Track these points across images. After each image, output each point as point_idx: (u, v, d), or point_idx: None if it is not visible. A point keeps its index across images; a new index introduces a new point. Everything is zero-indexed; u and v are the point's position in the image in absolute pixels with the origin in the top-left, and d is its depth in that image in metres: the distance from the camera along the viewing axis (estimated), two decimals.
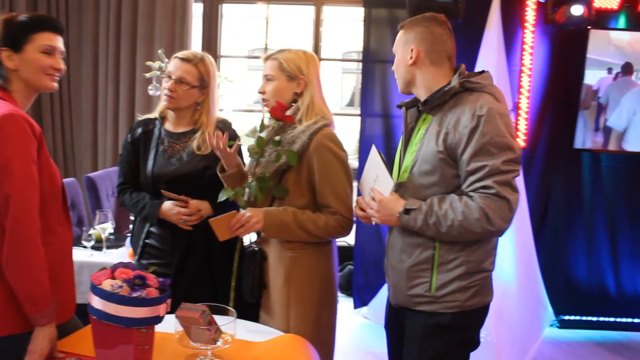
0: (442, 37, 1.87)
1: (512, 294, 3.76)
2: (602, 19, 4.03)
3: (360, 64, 4.37)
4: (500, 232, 1.74)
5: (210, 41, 4.73)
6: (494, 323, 3.48)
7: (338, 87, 13.99)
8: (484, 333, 3.46)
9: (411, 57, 1.87)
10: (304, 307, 2.10)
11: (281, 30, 10.64)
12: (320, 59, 4.75)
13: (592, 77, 4.02)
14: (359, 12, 4.25)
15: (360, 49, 4.32)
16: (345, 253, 4.60)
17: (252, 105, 10.27)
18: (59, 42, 1.74)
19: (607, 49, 3.99)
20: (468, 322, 1.84)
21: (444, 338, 1.83)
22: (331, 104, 2.26)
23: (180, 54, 2.33)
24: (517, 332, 3.75)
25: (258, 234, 2.15)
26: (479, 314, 1.87)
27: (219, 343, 1.63)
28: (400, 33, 1.93)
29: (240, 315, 1.83)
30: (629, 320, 4.37)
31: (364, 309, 4.34)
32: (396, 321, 2.01)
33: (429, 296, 1.82)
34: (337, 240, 2.30)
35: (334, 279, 2.20)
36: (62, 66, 1.74)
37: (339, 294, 2.49)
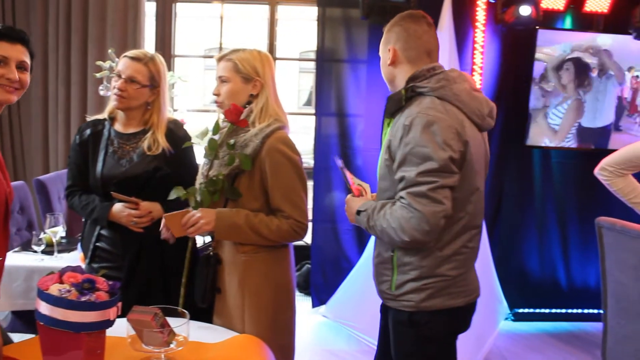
0: (417, 33, 1.87)
1: None
2: (549, 19, 4.14)
3: (314, 62, 4.39)
4: (420, 243, 1.74)
5: (164, 41, 4.67)
6: None
7: (295, 86, 13.99)
8: None
9: (389, 57, 1.89)
10: (259, 311, 2.08)
11: (236, 29, 10.57)
12: (276, 59, 4.76)
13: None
14: (314, 11, 4.26)
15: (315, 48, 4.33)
16: (303, 252, 4.60)
17: (208, 105, 10.16)
18: (16, 51, 1.66)
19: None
20: (429, 321, 1.85)
21: (408, 334, 1.87)
22: (288, 104, 2.30)
23: (130, 53, 2.29)
24: (473, 326, 3.80)
25: (213, 236, 2.13)
26: (445, 314, 1.86)
27: (172, 345, 1.61)
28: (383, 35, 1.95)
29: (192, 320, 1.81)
30: (580, 311, 4.51)
31: (322, 308, 4.35)
32: (384, 310, 2.06)
33: (390, 294, 1.87)
34: None
35: (291, 283, 2.18)
36: (16, 76, 1.66)
37: (297, 293, 2.51)
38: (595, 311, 4.46)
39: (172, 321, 1.65)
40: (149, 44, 4.63)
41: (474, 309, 1.99)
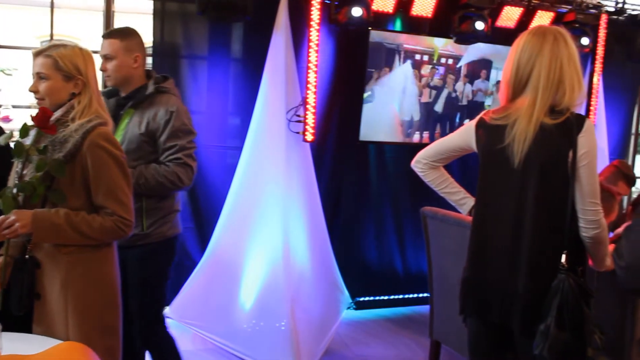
0: None
1: (307, 281, 3.93)
2: (380, 21, 4.35)
3: (151, 58, 4.24)
4: (187, 187, 2.63)
5: None
6: (291, 311, 3.62)
7: None
8: (283, 322, 3.61)
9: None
10: (84, 313, 2.00)
11: (70, 20, 9.99)
12: None
13: None
14: (150, 5, 4.11)
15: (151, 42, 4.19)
16: None
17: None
18: None
19: None
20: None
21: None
22: None
23: None
24: (315, 317, 3.92)
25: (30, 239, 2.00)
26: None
27: None
28: None
29: (8, 331, 1.70)
30: (415, 295, 4.80)
31: (166, 309, 4.24)
32: None
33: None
34: None
35: (116, 282, 2.13)
36: None
37: None
38: (428, 295, 4.77)
39: None
40: None
41: None
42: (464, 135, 2.17)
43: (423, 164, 2.31)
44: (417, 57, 4.43)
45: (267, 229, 3.78)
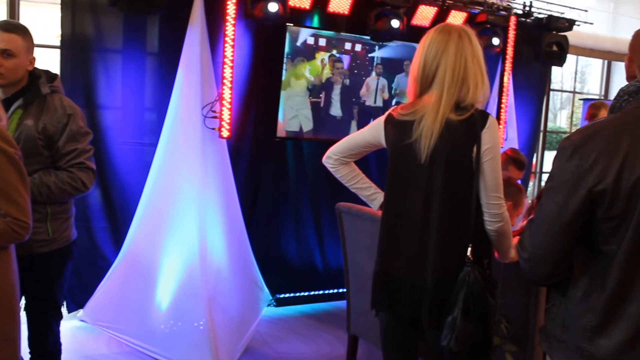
0: None
1: (225, 279, 3.89)
2: (298, 17, 4.34)
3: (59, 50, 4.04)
4: (88, 192, 2.51)
5: None
6: (209, 310, 3.56)
7: None
8: (202, 322, 3.56)
9: None
10: None
11: None
12: None
13: None
14: None
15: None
16: None
17: None
18: None
19: None
20: None
21: None
22: None
23: None
24: (234, 315, 3.89)
25: None
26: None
27: None
28: None
29: None
30: (335, 290, 4.84)
31: (79, 312, 4.09)
32: None
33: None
34: None
35: (12, 289, 2.00)
36: None
37: None
38: None
39: None
40: None
41: None
42: (374, 131, 2.19)
43: (334, 160, 2.31)
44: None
45: (183, 227, 3.71)
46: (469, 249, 1.98)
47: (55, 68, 3.28)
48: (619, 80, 7.33)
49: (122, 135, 3.96)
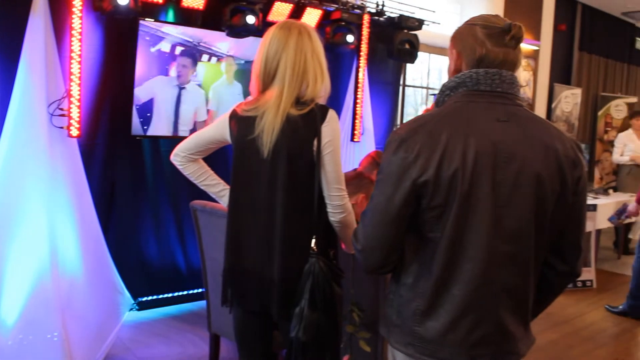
0: None
1: (80, 286, 3.70)
2: (150, 11, 4.20)
3: None
4: None
5: None
6: (63, 320, 3.38)
7: None
8: (55, 333, 3.35)
9: None
10: None
11: None
12: None
13: None
14: None
15: None
16: None
17: None
18: None
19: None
20: None
21: None
22: None
23: None
24: (91, 323, 3.71)
25: None
26: None
27: None
28: None
29: None
30: (198, 290, 4.75)
31: None
32: None
33: None
34: None
35: None
36: None
37: None
38: None
39: None
40: None
41: None
42: (219, 127, 2.19)
43: (182, 157, 2.29)
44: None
45: (31, 234, 3.45)
46: (313, 240, 2.04)
47: None
48: None
49: None
